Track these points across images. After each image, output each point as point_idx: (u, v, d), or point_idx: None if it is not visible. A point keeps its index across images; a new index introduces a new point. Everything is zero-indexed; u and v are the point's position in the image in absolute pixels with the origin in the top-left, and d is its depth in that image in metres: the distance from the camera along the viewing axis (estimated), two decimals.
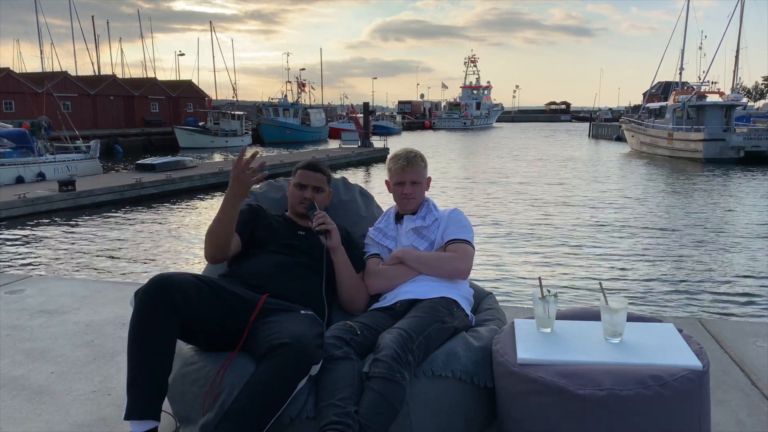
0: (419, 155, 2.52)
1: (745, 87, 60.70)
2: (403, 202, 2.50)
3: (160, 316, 1.87)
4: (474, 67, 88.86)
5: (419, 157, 2.51)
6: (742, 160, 28.02)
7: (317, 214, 2.35)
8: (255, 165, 2.11)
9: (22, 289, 4.01)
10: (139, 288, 1.93)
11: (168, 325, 1.88)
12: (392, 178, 2.51)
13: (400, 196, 2.49)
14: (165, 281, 1.90)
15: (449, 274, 2.37)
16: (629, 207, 16.05)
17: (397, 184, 2.49)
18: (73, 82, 42.61)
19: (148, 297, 1.88)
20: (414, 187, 2.47)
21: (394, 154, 2.53)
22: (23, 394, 2.49)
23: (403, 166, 2.46)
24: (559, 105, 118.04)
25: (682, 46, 39.28)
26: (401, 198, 2.49)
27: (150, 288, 1.89)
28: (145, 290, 1.89)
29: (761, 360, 2.79)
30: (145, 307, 1.88)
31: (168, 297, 1.87)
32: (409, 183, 2.46)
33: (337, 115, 63.82)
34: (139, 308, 1.89)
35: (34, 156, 19.18)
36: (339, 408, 1.77)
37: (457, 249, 2.39)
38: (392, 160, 2.51)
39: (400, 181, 2.47)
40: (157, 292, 1.88)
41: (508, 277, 9.15)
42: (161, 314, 1.87)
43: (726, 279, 9.06)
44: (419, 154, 2.52)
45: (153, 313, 1.87)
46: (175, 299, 1.88)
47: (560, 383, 1.71)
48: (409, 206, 2.50)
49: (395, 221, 2.56)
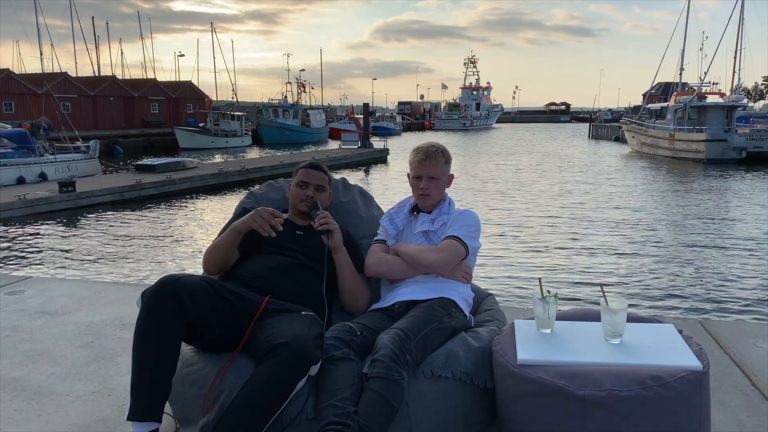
0: (441, 149, 2.44)
1: (745, 87, 60.73)
2: (419, 197, 2.44)
3: (167, 318, 1.86)
4: (474, 68, 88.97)
5: (441, 151, 2.43)
6: (743, 161, 28.04)
7: (320, 214, 2.35)
8: (276, 225, 2.18)
9: (22, 290, 4.01)
10: (146, 288, 1.92)
11: (175, 327, 1.88)
12: (412, 170, 2.46)
13: (417, 189, 2.43)
14: (173, 282, 1.90)
15: (423, 267, 2.32)
16: (630, 207, 16.05)
17: (415, 178, 2.44)
18: (73, 82, 42.62)
19: (155, 298, 1.87)
20: (431, 182, 2.40)
21: (417, 147, 2.47)
22: (23, 395, 2.49)
23: (422, 160, 2.40)
24: (559, 106, 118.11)
25: (683, 47, 39.30)
26: (417, 192, 2.43)
27: (158, 289, 1.89)
28: (153, 291, 1.89)
29: (761, 360, 2.79)
30: (153, 308, 1.87)
31: (176, 298, 1.87)
32: (426, 177, 2.40)
33: (337, 116, 63.82)
34: (147, 309, 1.88)
35: (35, 156, 19.20)
36: (338, 408, 1.77)
37: (442, 243, 2.35)
38: (413, 152, 2.45)
39: (418, 174, 2.42)
40: (165, 294, 1.87)
41: (508, 278, 9.15)
42: (169, 315, 1.86)
43: (726, 279, 9.06)
44: (442, 148, 2.45)
45: (160, 314, 1.86)
46: (183, 301, 1.87)
47: (560, 384, 1.71)
48: (425, 202, 2.44)
49: (410, 212, 2.52)
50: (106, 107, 44.67)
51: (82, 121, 39.68)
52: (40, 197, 14.56)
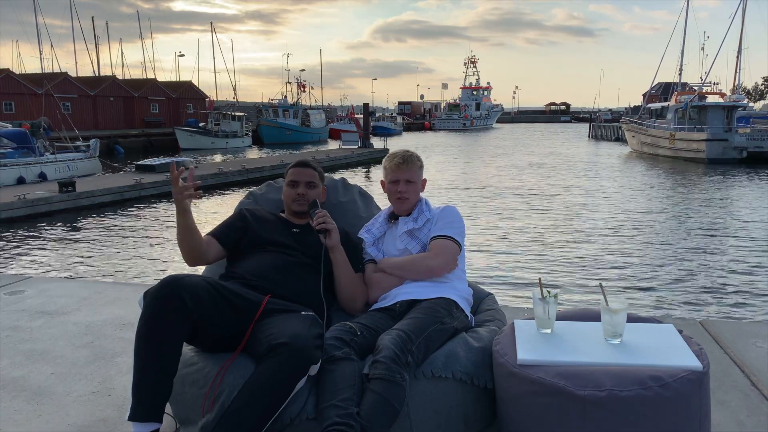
0: (415, 155, 2.53)
1: (746, 87, 60.73)
2: (397, 201, 2.50)
3: (170, 318, 1.86)
4: (474, 68, 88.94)
5: (415, 157, 2.53)
6: (744, 161, 28.05)
7: (319, 213, 2.36)
8: (185, 176, 2.21)
9: (22, 290, 4.01)
10: (148, 288, 1.92)
11: (177, 327, 1.88)
12: (387, 176, 2.52)
13: (395, 194, 2.49)
14: (175, 283, 1.89)
15: (424, 274, 2.36)
16: (630, 207, 16.04)
17: (391, 183, 2.49)
18: (73, 82, 42.62)
19: (158, 298, 1.87)
20: (408, 186, 2.47)
21: (391, 153, 2.55)
22: (23, 395, 2.49)
23: (399, 164, 2.47)
24: (559, 106, 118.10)
25: (682, 47, 39.29)
26: (395, 197, 2.49)
27: (161, 289, 1.88)
28: (156, 291, 1.88)
29: (761, 361, 2.79)
30: (156, 308, 1.87)
31: (179, 299, 1.87)
32: (403, 181, 2.46)
33: (337, 116, 63.80)
34: (149, 309, 1.87)
35: (35, 156, 19.19)
36: (341, 409, 1.77)
37: (434, 246, 2.38)
38: (388, 158, 2.53)
39: (395, 179, 2.48)
40: (168, 294, 1.87)
41: (509, 278, 9.15)
42: (171, 316, 1.86)
43: (726, 280, 9.06)
44: (415, 154, 2.54)
45: (163, 315, 1.86)
46: (185, 301, 1.87)
47: (560, 384, 1.71)
48: (403, 206, 2.50)
49: (388, 220, 2.57)
50: (106, 107, 44.66)
51: (82, 121, 39.67)
52: (40, 197, 14.55)
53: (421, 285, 2.35)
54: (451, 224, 2.43)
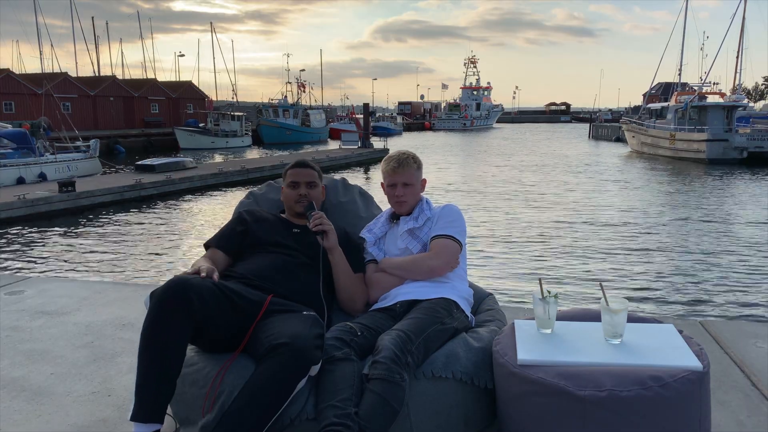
0: (412, 157, 2.51)
1: (746, 88, 60.64)
2: (396, 204, 2.51)
3: (176, 319, 1.86)
4: (474, 68, 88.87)
5: (412, 158, 2.51)
6: (744, 161, 28.04)
7: (315, 214, 2.36)
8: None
9: (21, 290, 4.01)
10: (155, 289, 1.92)
11: (183, 328, 1.88)
12: (385, 179, 2.52)
13: (393, 198, 2.49)
14: (182, 284, 1.90)
15: (426, 275, 2.36)
16: (631, 207, 16.04)
17: (389, 186, 2.50)
18: (73, 82, 42.61)
19: (165, 299, 1.87)
20: (406, 189, 2.46)
21: (388, 156, 2.54)
22: (23, 395, 2.49)
23: (395, 168, 2.46)
24: (559, 106, 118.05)
25: (681, 47, 39.28)
26: (393, 200, 2.50)
27: (167, 290, 1.88)
28: (163, 292, 1.88)
29: (761, 361, 2.79)
30: (162, 308, 1.87)
31: (184, 299, 1.87)
32: (400, 185, 2.46)
33: (338, 116, 63.79)
34: (155, 310, 1.87)
35: (35, 156, 19.19)
36: (339, 409, 1.77)
37: (435, 245, 2.38)
38: (385, 162, 2.53)
39: (392, 183, 2.48)
40: (174, 294, 1.87)
41: (509, 278, 9.15)
42: (178, 317, 1.86)
43: (726, 280, 9.06)
44: (412, 156, 2.52)
45: (169, 315, 1.86)
46: (192, 302, 1.87)
47: (560, 384, 1.71)
48: (402, 208, 2.50)
49: (389, 221, 2.57)
50: (107, 107, 44.65)
51: (82, 121, 39.65)
52: (39, 197, 14.55)
53: (421, 285, 2.35)
54: (452, 223, 2.43)
